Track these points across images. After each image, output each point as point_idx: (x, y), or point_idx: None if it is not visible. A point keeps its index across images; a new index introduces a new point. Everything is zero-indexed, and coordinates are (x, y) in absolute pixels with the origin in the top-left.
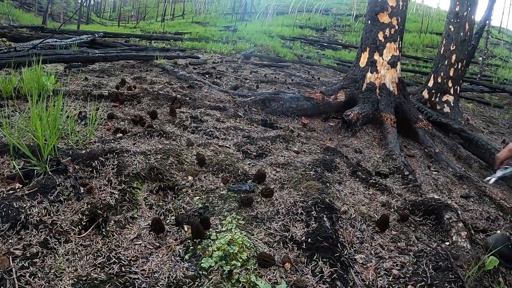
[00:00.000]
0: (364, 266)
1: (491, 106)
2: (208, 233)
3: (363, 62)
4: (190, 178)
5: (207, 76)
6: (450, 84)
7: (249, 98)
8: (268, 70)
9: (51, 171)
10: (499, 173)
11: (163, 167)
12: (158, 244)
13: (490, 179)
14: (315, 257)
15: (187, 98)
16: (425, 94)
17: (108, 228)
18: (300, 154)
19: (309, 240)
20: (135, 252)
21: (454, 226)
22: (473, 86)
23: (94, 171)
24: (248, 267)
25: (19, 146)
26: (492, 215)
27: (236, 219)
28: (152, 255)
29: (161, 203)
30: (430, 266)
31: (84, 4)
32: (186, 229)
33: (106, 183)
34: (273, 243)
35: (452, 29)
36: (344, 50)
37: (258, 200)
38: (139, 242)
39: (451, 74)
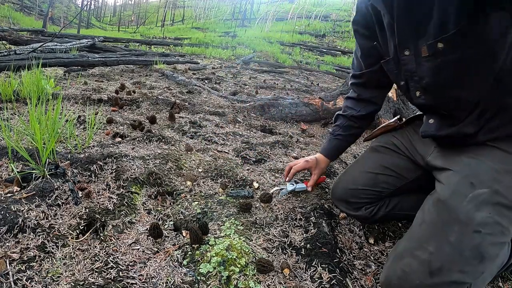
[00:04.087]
0: (363, 272)
1: None
2: (207, 239)
3: None
4: (189, 183)
5: (206, 81)
6: None
7: (248, 104)
8: (267, 76)
9: (49, 175)
10: (290, 187)
11: (162, 172)
12: (156, 249)
13: (279, 192)
14: (314, 262)
15: (186, 103)
16: None
17: (106, 233)
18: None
19: (308, 245)
20: (133, 257)
21: None
22: None
23: (93, 175)
24: (247, 273)
25: (18, 149)
26: None
27: (234, 225)
28: (150, 260)
29: (159, 208)
30: None
31: (85, 8)
32: (184, 234)
33: (105, 187)
34: (272, 249)
35: None
36: (343, 56)
37: (257, 205)
38: (137, 247)
39: None
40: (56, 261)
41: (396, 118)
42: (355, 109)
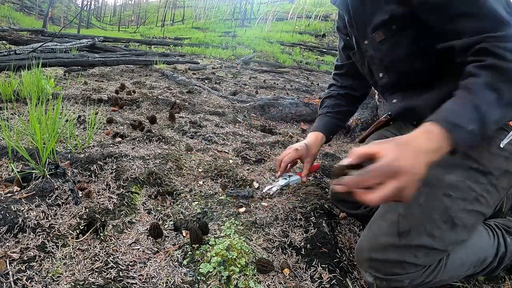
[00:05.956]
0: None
1: None
2: (207, 239)
3: None
4: (188, 183)
5: (206, 81)
6: None
7: (248, 104)
8: (267, 76)
9: (49, 175)
10: (282, 182)
11: (162, 172)
12: (156, 249)
13: (271, 188)
14: (314, 262)
15: (187, 103)
16: None
17: (106, 233)
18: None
19: (308, 245)
20: (133, 257)
21: None
22: None
23: (93, 175)
24: (247, 273)
25: (18, 149)
26: None
27: (234, 225)
28: (150, 260)
29: (159, 208)
30: None
31: (85, 8)
32: (184, 234)
33: (105, 187)
34: (272, 249)
35: None
36: None
37: (257, 205)
38: (137, 247)
39: None
40: (56, 261)
41: (386, 113)
42: (338, 90)
